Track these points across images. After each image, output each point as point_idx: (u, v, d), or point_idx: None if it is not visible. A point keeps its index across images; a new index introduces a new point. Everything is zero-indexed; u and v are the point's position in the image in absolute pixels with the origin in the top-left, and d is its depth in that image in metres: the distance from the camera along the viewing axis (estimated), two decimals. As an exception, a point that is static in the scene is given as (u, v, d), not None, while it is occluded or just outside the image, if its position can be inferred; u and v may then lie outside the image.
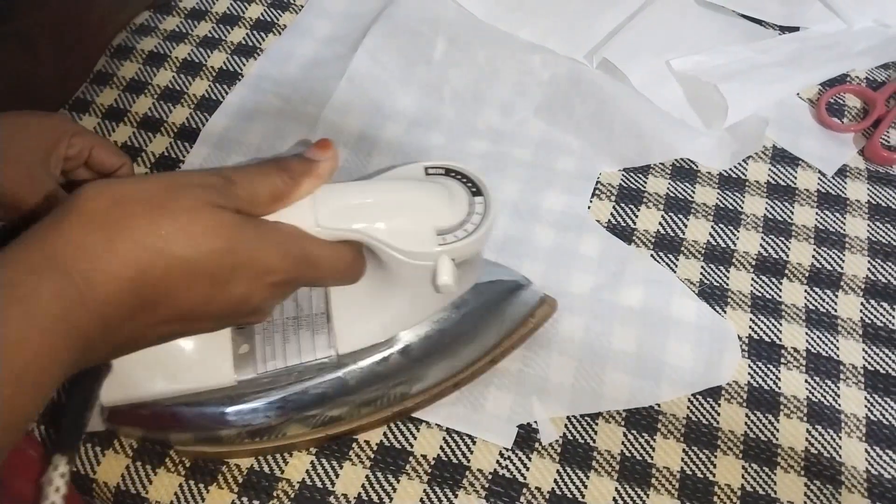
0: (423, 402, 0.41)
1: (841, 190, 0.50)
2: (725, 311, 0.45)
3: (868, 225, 0.48)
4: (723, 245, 0.48)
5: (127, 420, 0.38)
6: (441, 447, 0.41)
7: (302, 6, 0.63)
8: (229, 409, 0.38)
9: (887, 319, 0.44)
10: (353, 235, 0.32)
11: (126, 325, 0.27)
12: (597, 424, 0.41)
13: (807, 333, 0.44)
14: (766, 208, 0.49)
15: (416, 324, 0.39)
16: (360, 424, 0.41)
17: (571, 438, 0.41)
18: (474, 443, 0.41)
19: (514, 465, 0.40)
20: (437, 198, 0.34)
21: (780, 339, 0.44)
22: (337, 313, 0.38)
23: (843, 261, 0.47)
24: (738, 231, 0.48)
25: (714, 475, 0.39)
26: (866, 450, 0.40)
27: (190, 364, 0.37)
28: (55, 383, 0.25)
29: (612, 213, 0.49)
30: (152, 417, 0.38)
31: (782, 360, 0.43)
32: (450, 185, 0.34)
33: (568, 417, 0.41)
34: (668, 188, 0.50)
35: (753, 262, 0.47)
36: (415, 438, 0.41)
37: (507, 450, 0.40)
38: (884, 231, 0.48)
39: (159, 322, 0.28)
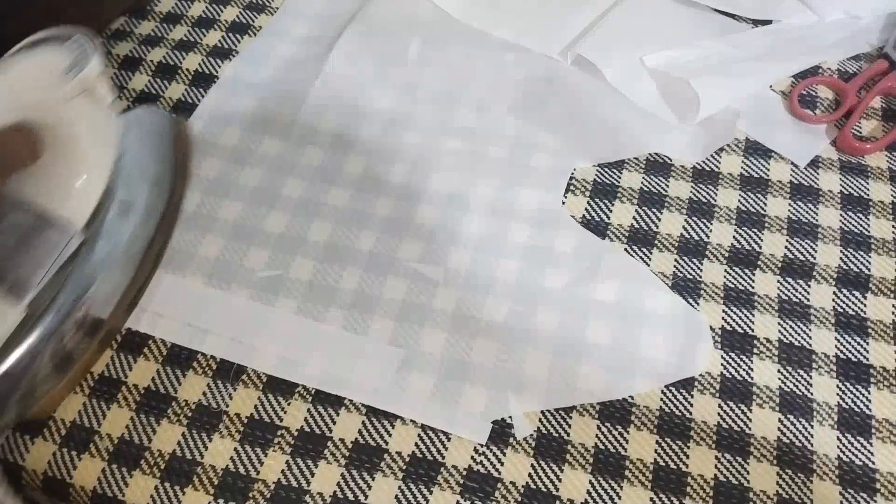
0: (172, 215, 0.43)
1: (814, 181, 0.50)
2: (698, 303, 0.45)
3: (840, 215, 0.49)
4: (696, 238, 0.48)
5: None
6: (416, 444, 0.41)
7: (278, 8, 0.63)
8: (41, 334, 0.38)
9: (859, 308, 0.45)
10: (10, 117, 0.36)
11: None
12: (571, 418, 0.41)
13: (779, 323, 0.44)
14: (739, 200, 0.49)
15: (108, 168, 0.42)
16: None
17: (546, 432, 0.41)
18: (449, 439, 0.41)
19: (488, 460, 0.40)
20: (46, 55, 0.39)
21: (753, 330, 0.44)
22: (46, 203, 0.40)
23: (816, 251, 0.47)
24: (712, 224, 0.48)
25: (687, 466, 0.40)
26: (838, 437, 0.40)
27: None
28: None
29: (586, 209, 0.50)
30: None
31: (755, 350, 0.43)
32: (45, 46, 0.40)
33: (542, 411, 0.42)
34: (641, 182, 0.51)
35: (726, 254, 0.47)
36: (390, 436, 0.41)
37: (481, 445, 0.41)
38: (856, 221, 0.48)
39: None
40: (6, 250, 0.39)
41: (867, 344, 0.43)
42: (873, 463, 0.39)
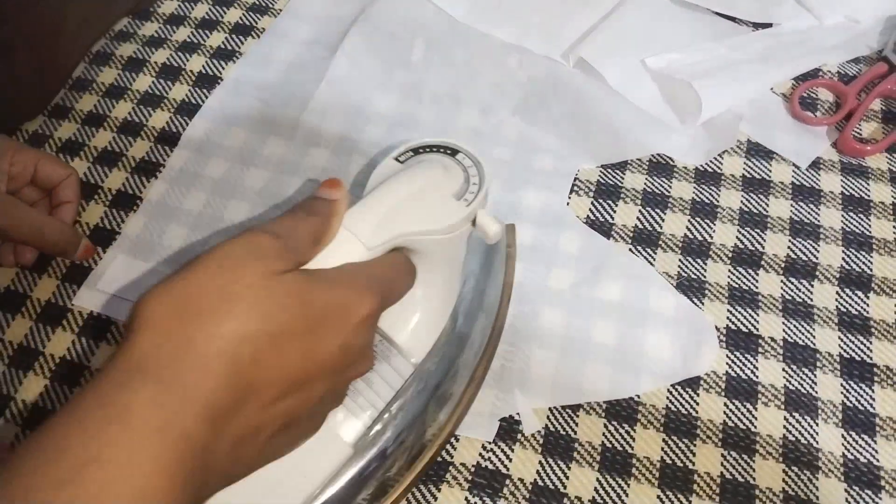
0: (487, 360, 0.41)
1: (815, 182, 0.51)
2: (703, 303, 0.46)
3: (842, 215, 0.49)
4: (700, 238, 0.48)
5: None
6: (424, 442, 0.41)
7: (281, 10, 0.63)
8: (355, 476, 0.37)
9: (861, 308, 0.45)
10: (397, 241, 0.33)
11: (237, 420, 0.25)
12: (578, 416, 0.42)
13: (783, 323, 0.45)
14: (741, 201, 0.50)
15: (456, 297, 0.40)
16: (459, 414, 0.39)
17: (553, 430, 0.41)
18: (457, 439, 0.41)
19: (496, 456, 0.40)
20: (436, 173, 0.35)
21: (758, 329, 0.44)
22: (392, 332, 0.37)
23: (818, 251, 0.47)
24: (715, 224, 0.49)
25: (693, 463, 0.40)
26: (842, 435, 0.41)
27: (307, 462, 0.35)
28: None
29: (590, 209, 0.50)
30: None
31: (759, 349, 0.44)
32: (431, 158, 0.36)
33: (550, 409, 0.42)
34: (645, 183, 0.51)
35: (730, 255, 0.47)
36: (398, 434, 0.41)
37: (489, 442, 0.41)
38: (857, 221, 0.49)
39: (270, 403, 0.27)
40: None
41: (870, 343, 0.44)
42: (878, 460, 0.40)
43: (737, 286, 0.46)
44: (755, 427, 0.41)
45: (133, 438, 0.22)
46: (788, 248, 0.48)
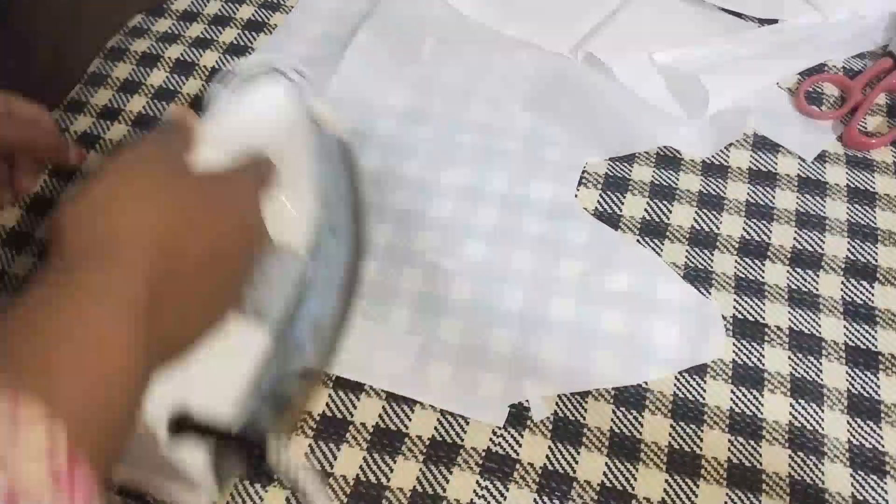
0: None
1: (820, 175, 0.51)
2: (710, 293, 0.46)
3: (847, 207, 0.50)
4: (707, 229, 0.49)
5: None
6: (435, 427, 0.42)
7: (292, 6, 0.64)
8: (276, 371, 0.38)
9: (866, 297, 0.46)
10: (249, 149, 0.37)
11: (171, 288, 0.29)
12: (586, 402, 0.42)
13: (789, 312, 0.45)
14: (748, 193, 0.51)
15: (320, 191, 0.43)
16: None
17: (562, 416, 0.42)
18: (468, 422, 0.42)
19: (507, 441, 0.41)
20: (269, 89, 0.42)
21: (764, 318, 0.45)
22: (274, 234, 0.40)
23: (824, 242, 0.48)
24: (722, 216, 0.50)
25: (701, 449, 0.41)
26: (848, 422, 0.41)
27: (232, 355, 0.36)
28: (140, 367, 0.26)
29: (598, 201, 0.51)
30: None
31: (766, 338, 0.44)
32: (259, 78, 0.42)
33: (559, 395, 0.42)
34: (652, 176, 0.52)
35: (737, 245, 0.48)
36: (410, 420, 0.42)
37: (500, 427, 0.41)
38: (862, 213, 0.49)
39: (195, 273, 0.30)
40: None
41: (875, 332, 0.44)
42: (883, 446, 0.40)
43: (743, 276, 0.47)
44: (762, 413, 0.42)
45: (89, 303, 0.26)
46: (794, 239, 0.48)
